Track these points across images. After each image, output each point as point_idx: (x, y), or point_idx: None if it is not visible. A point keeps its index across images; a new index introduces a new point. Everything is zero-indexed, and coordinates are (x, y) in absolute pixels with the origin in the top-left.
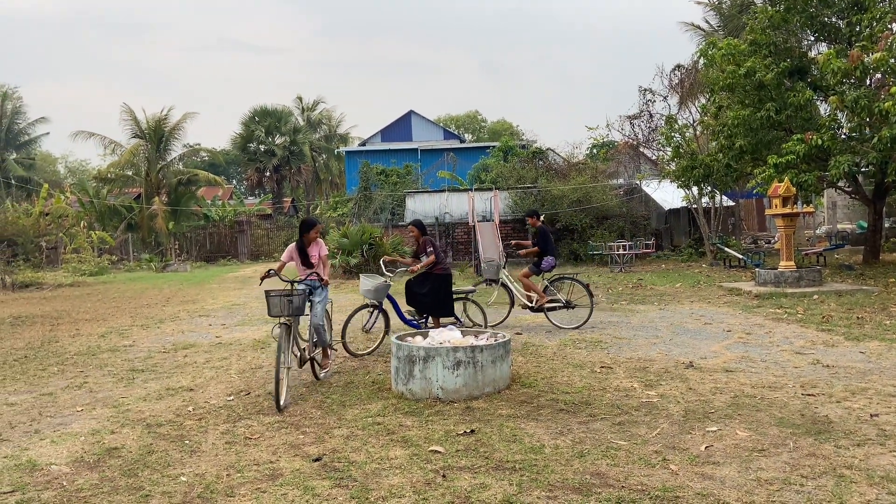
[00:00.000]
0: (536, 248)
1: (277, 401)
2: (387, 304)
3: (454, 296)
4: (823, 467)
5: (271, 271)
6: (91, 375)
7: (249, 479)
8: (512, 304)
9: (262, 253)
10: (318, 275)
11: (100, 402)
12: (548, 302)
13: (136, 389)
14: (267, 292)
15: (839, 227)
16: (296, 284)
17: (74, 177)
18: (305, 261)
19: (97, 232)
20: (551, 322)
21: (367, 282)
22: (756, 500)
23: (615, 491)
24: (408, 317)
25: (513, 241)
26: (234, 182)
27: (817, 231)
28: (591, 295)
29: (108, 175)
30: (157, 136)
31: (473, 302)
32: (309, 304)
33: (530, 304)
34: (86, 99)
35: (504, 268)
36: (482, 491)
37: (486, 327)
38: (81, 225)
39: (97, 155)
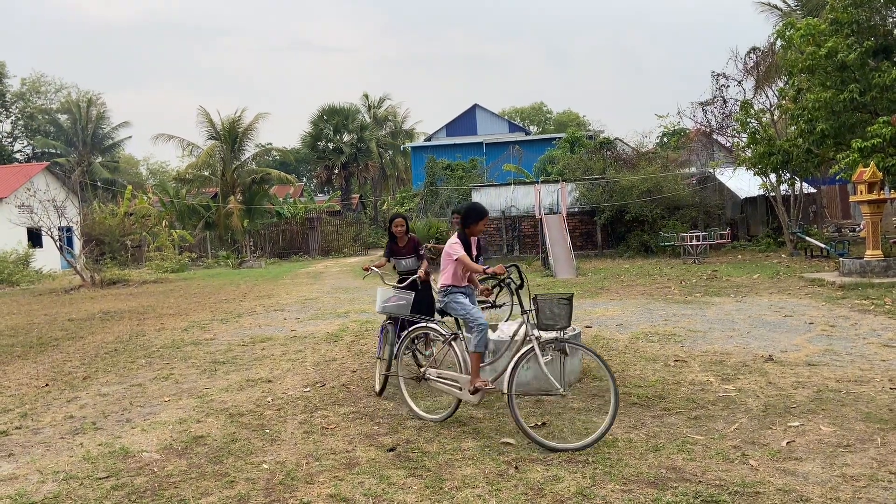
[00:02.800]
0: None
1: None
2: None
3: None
4: None
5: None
6: (176, 367)
7: (327, 467)
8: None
9: (332, 249)
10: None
11: (185, 393)
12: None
13: (218, 381)
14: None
15: None
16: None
17: (156, 178)
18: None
19: (178, 230)
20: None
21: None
22: (841, 496)
23: (692, 485)
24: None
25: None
26: (304, 180)
27: None
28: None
29: (187, 176)
30: (231, 137)
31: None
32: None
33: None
34: (164, 103)
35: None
36: (555, 483)
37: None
38: (163, 224)
39: (176, 157)
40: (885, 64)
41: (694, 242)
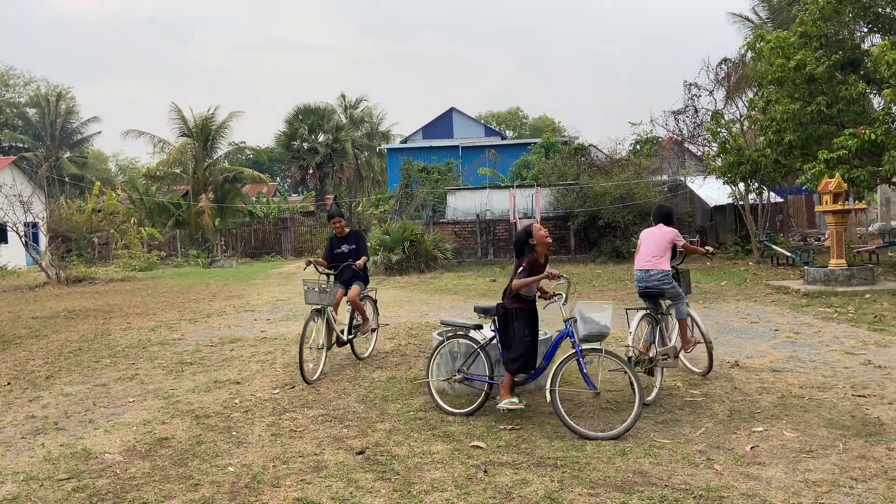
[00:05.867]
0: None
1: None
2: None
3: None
4: (874, 470)
5: None
6: (142, 367)
7: (295, 470)
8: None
9: (306, 249)
10: None
11: (150, 394)
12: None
13: (185, 382)
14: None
15: (893, 224)
16: None
17: (125, 175)
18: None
19: (147, 228)
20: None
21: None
22: (803, 501)
23: (658, 489)
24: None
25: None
26: (278, 179)
27: (870, 228)
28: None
29: (157, 173)
30: (203, 134)
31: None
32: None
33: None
34: (136, 98)
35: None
36: (523, 487)
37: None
38: (132, 221)
39: (146, 153)
40: (852, 77)
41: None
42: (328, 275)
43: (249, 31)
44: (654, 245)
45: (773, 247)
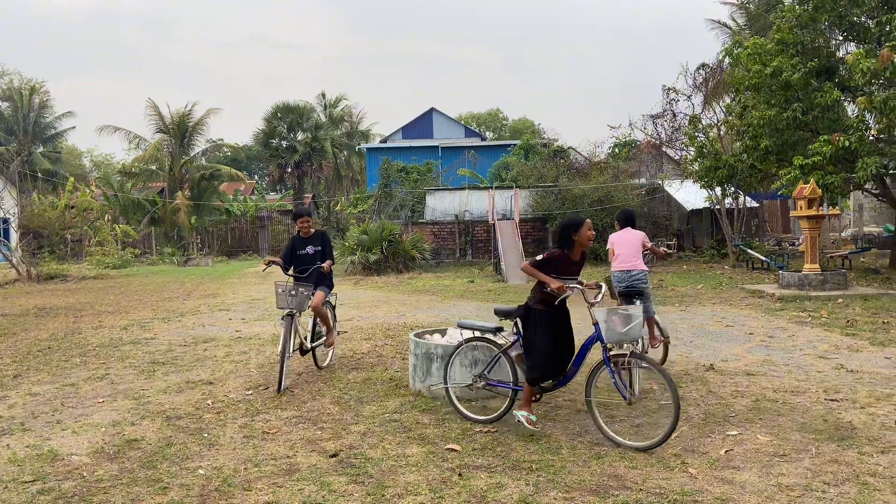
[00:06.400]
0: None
1: None
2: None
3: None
4: (846, 474)
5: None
6: (112, 367)
7: (266, 473)
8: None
9: (283, 248)
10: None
11: (121, 394)
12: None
13: (156, 382)
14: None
15: (865, 230)
16: None
17: (99, 171)
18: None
19: (121, 225)
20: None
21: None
22: None
23: (633, 493)
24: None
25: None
26: (256, 178)
27: (843, 234)
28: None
29: (133, 169)
30: (180, 131)
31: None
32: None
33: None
34: (112, 94)
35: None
36: (498, 490)
37: None
38: (106, 218)
39: (122, 149)
40: (827, 85)
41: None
42: (297, 278)
43: (229, 28)
44: (630, 247)
45: (749, 251)
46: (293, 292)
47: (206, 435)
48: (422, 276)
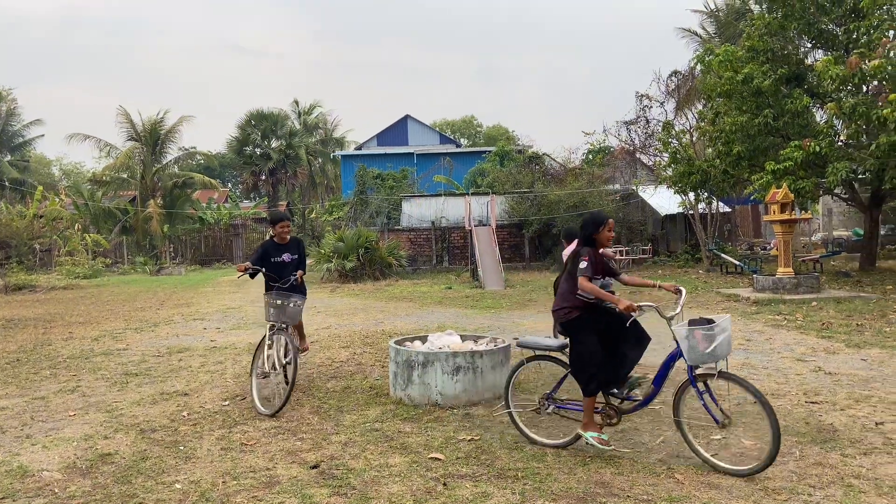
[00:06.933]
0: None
1: None
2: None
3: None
4: (831, 476)
5: None
6: (84, 379)
7: (246, 486)
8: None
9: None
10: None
11: (93, 407)
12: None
13: (129, 394)
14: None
15: (835, 234)
16: None
17: (69, 179)
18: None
19: (92, 234)
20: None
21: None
22: None
23: (620, 500)
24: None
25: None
26: (230, 185)
27: (813, 238)
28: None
29: (103, 178)
30: (152, 138)
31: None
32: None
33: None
34: (81, 101)
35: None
36: (484, 500)
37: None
38: (76, 227)
39: (92, 158)
40: (797, 91)
41: (617, 257)
42: (279, 289)
43: (202, 36)
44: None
45: (723, 255)
46: (290, 304)
47: (182, 448)
48: (399, 283)
